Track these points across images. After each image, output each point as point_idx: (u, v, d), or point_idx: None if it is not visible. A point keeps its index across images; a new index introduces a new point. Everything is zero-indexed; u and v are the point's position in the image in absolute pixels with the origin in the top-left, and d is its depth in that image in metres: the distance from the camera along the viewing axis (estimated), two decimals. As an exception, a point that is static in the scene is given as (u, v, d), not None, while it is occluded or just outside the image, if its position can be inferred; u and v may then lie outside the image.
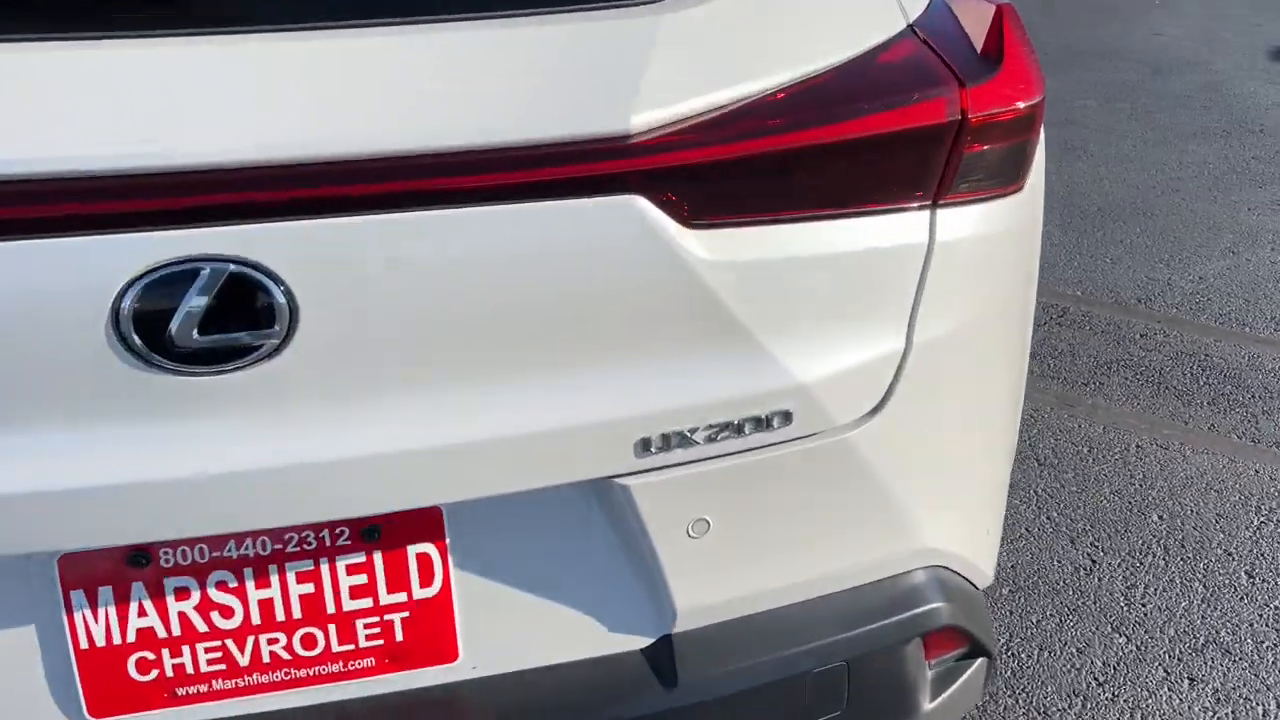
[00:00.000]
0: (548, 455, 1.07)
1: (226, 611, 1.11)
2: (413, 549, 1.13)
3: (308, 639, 1.14)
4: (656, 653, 1.20)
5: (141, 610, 1.09)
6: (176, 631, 1.11)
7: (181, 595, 1.10)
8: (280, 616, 1.12)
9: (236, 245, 0.94)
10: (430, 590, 1.14)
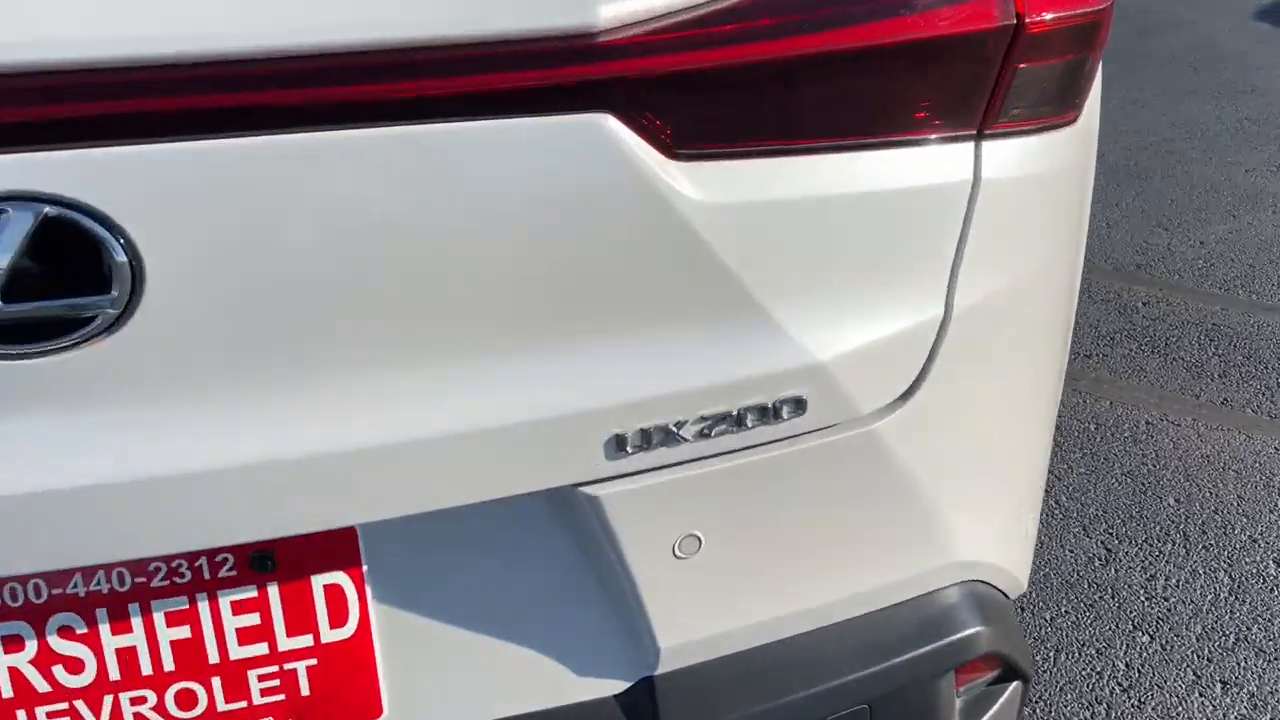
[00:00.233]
0: (493, 459, 0.86)
1: (74, 665, 0.88)
2: (319, 580, 0.91)
3: (184, 696, 0.90)
4: (634, 700, 1.02)
5: (-42, 667, 0.85)
6: (8, 693, 0.86)
7: (12, 647, 0.86)
8: (147, 669, 0.89)
9: (55, 179, 0.71)
10: (343, 631, 0.93)
